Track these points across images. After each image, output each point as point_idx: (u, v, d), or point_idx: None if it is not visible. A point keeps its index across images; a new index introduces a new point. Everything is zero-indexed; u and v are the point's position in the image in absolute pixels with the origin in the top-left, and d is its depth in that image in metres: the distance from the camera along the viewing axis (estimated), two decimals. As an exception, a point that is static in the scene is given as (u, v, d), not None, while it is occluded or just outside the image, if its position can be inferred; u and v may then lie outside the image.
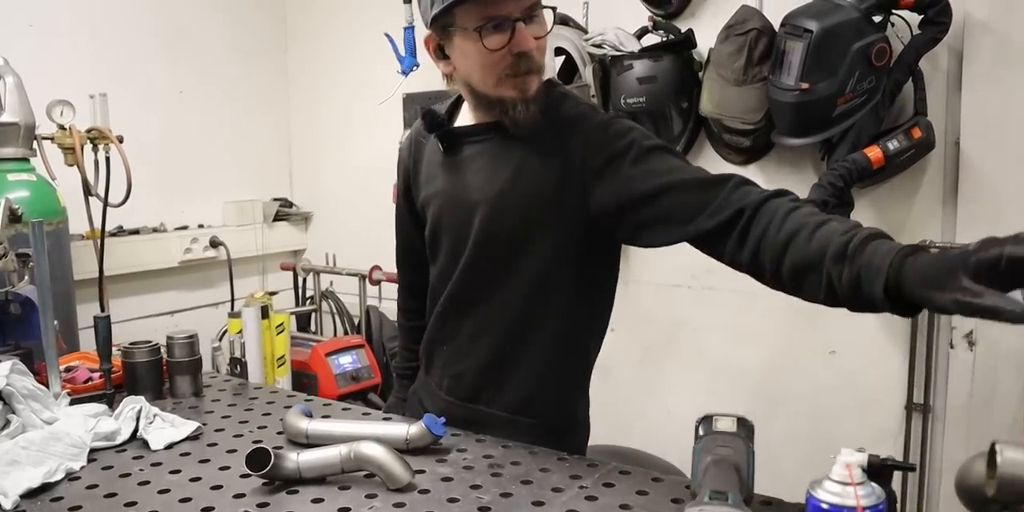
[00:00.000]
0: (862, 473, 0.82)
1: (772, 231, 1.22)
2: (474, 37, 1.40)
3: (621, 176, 1.42)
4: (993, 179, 2.29)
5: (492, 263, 1.57)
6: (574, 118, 1.50)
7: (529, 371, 1.60)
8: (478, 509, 1.25)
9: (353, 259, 3.55)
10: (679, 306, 2.88)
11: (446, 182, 1.61)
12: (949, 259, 0.94)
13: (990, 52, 2.27)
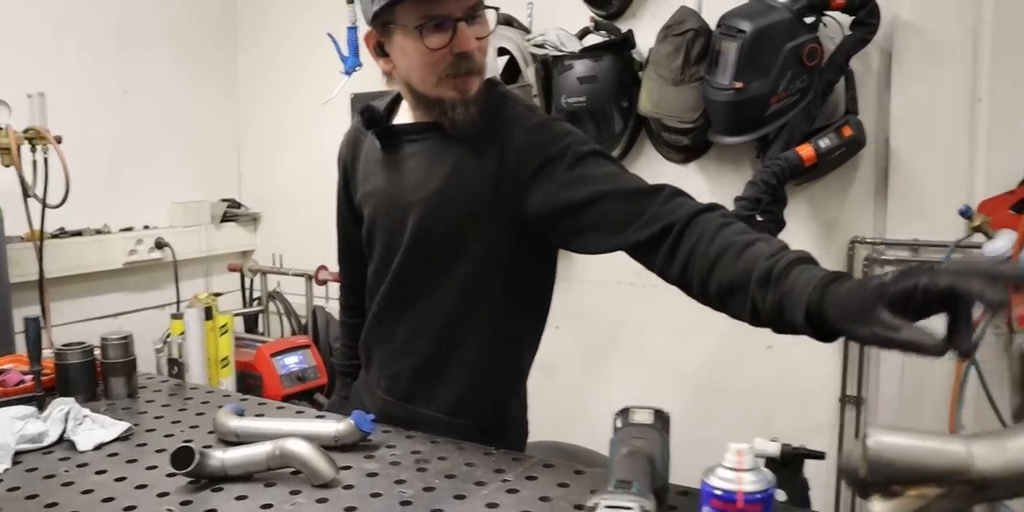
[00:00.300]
0: (752, 460, 0.85)
1: (701, 248, 1.22)
2: (415, 35, 1.39)
3: (555, 181, 1.41)
4: (921, 176, 2.36)
5: (426, 264, 1.57)
6: (512, 119, 1.49)
7: (462, 373, 1.61)
8: (400, 504, 1.26)
9: (301, 260, 3.54)
10: (621, 304, 2.91)
11: (383, 181, 1.60)
12: (868, 292, 0.94)
13: (918, 52, 2.34)
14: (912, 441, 0.72)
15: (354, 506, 1.26)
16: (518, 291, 1.59)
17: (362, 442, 1.52)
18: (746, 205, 2.20)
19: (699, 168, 2.70)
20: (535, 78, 2.76)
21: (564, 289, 3.06)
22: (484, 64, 1.47)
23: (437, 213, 1.52)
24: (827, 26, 2.38)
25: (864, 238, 2.45)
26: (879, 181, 2.44)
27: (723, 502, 0.83)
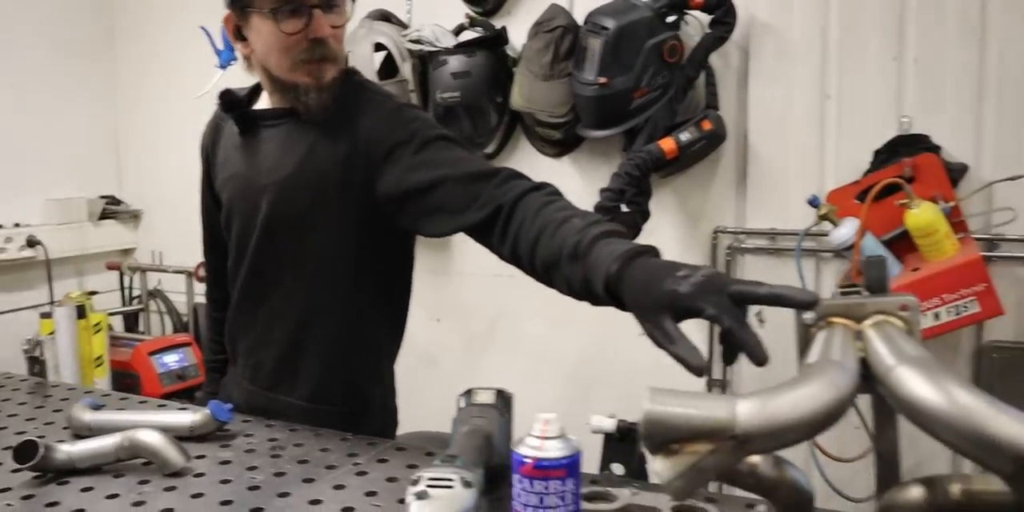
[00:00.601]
0: (558, 429, 0.90)
1: (525, 228, 1.27)
2: (270, 19, 1.43)
3: (403, 164, 1.45)
4: (777, 168, 2.48)
5: (280, 248, 1.59)
6: (366, 106, 1.54)
7: (320, 359, 1.63)
8: (247, 489, 1.28)
9: (182, 257, 3.48)
10: (500, 296, 2.96)
11: (240, 165, 1.63)
12: (659, 293, 0.96)
13: (772, 51, 2.46)
14: (684, 402, 0.78)
15: (201, 493, 1.27)
16: (373, 276, 1.62)
17: (220, 432, 1.53)
18: (611, 196, 2.28)
19: (572, 161, 2.77)
20: (411, 73, 2.79)
21: (444, 283, 3.13)
22: (340, 52, 1.52)
23: (290, 196, 1.54)
24: (688, 25, 2.48)
25: (726, 228, 2.57)
26: (739, 173, 2.56)
27: (529, 468, 0.89)
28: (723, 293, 0.93)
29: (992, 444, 0.71)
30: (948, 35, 2.25)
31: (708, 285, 0.94)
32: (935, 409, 0.74)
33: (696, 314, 0.94)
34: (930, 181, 2.19)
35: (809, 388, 0.77)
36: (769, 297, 0.93)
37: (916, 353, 0.82)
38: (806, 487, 0.95)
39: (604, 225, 1.18)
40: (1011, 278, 2.27)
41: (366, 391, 1.71)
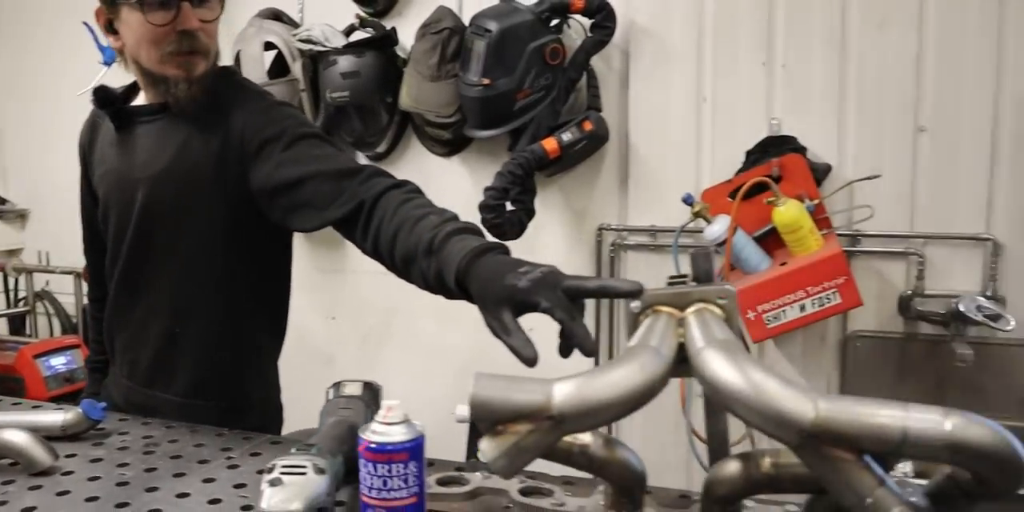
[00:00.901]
0: (401, 415, 0.95)
1: (384, 224, 1.32)
2: (138, 10, 1.45)
3: (273, 160, 1.49)
4: (656, 167, 2.58)
5: (154, 242, 1.61)
6: (240, 102, 1.57)
7: (196, 354, 1.64)
8: (116, 485, 1.29)
9: (71, 257, 3.40)
10: (394, 293, 2.96)
11: (115, 160, 1.64)
12: (501, 287, 1.03)
13: (651, 54, 2.56)
14: (505, 386, 0.84)
15: (68, 490, 1.27)
16: (249, 271, 1.65)
17: (94, 431, 1.53)
18: (494, 195, 2.34)
19: (462, 161, 2.83)
20: (302, 73, 2.80)
21: (340, 281, 3.14)
22: (210, 46, 1.54)
23: (164, 189, 1.57)
24: (571, 28, 2.55)
25: (610, 225, 2.66)
26: (622, 172, 2.65)
27: (373, 452, 0.93)
28: (557, 288, 1.00)
29: (780, 419, 0.79)
30: (813, 43, 2.39)
31: (544, 281, 1.01)
32: (731, 387, 0.81)
33: (532, 307, 1.00)
34: (796, 180, 2.31)
35: (620, 371, 0.84)
36: (598, 289, 1.00)
37: (723, 337, 0.89)
38: (637, 466, 1.02)
39: (458, 223, 1.23)
40: (871, 271, 2.42)
41: (246, 387, 1.73)
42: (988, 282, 2.31)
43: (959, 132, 2.30)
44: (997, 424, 0.79)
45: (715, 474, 1.00)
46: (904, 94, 2.32)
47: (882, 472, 0.81)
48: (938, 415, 0.77)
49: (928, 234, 2.36)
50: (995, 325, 2.14)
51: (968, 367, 2.20)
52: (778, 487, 0.95)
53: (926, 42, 2.29)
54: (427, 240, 1.20)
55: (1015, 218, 2.29)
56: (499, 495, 1.11)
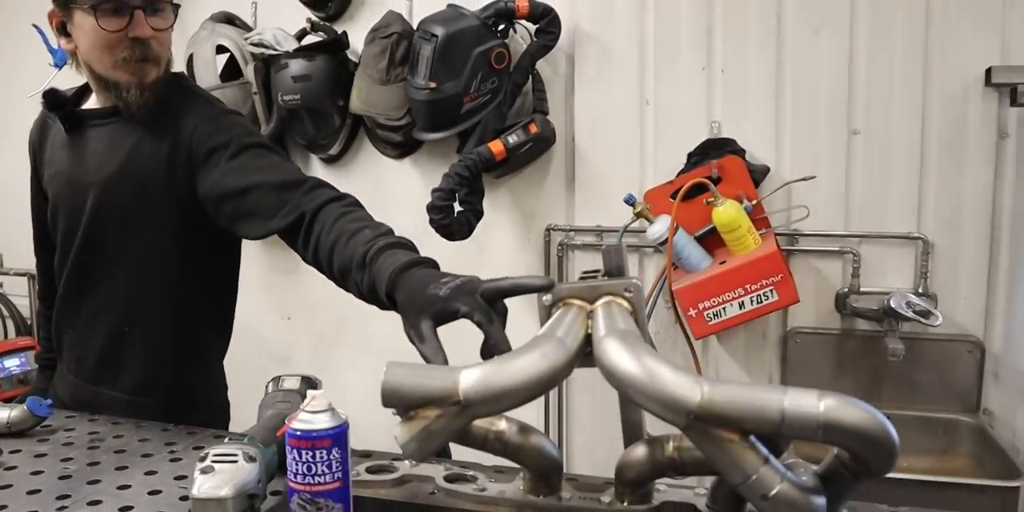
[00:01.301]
0: (325, 404, 0.99)
1: (323, 237, 1.38)
2: (91, 15, 1.48)
3: (220, 168, 1.54)
4: (601, 169, 2.64)
5: (104, 243, 1.64)
6: (190, 109, 1.61)
7: (144, 352, 1.68)
8: (58, 478, 1.32)
9: (24, 258, 3.40)
10: (347, 295, 3.02)
11: (66, 163, 1.68)
12: (424, 297, 1.07)
13: (595, 59, 2.62)
14: (415, 373, 0.89)
15: (9, 484, 1.30)
16: (197, 272, 1.69)
17: (40, 427, 1.55)
18: (442, 196, 2.39)
19: (413, 163, 2.87)
20: (254, 76, 2.83)
21: (293, 282, 3.17)
22: (163, 54, 1.59)
23: (114, 193, 1.61)
24: (516, 33, 2.61)
25: (557, 225, 2.72)
26: (569, 174, 2.71)
27: (298, 440, 0.98)
28: (475, 293, 1.06)
29: (669, 402, 0.85)
30: (750, 48, 2.46)
31: (462, 288, 1.07)
32: (626, 373, 0.87)
33: (452, 314, 1.05)
34: (735, 181, 2.38)
35: (523, 359, 0.89)
36: (512, 288, 1.06)
37: (624, 327, 0.95)
38: (552, 452, 1.08)
39: (391, 237, 1.29)
40: (808, 269, 2.50)
41: (192, 386, 1.77)
42: (919, 279, 2.39)
43: (890, 134, 2.38)
44: (872, 407, 0.85)
45: (624, 459, 1.06)
46: (838, 98, 2.41)
47: (767, 452, 0.87)
48: (814, 397, 0.83)
49: (862, 233, 2.44)
50: (925, 321, 2.23)
51: (901, 361, 2.29)
52: (681, 470, 1.02)
53: (857, 48, 2.37)
54: (361, 254, 1.25)
55: (944, 217, 2.38)
56: (425, 482, 1.16)
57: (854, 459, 0.88)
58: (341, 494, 1.01)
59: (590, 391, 2.71)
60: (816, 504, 0.87)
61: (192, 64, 2.89)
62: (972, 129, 2.32)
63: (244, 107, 2.86)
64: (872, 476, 0.89)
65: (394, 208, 2.92)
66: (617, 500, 1.06)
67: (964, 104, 2.32)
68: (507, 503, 1.08)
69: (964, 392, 2.40)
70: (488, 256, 2.82)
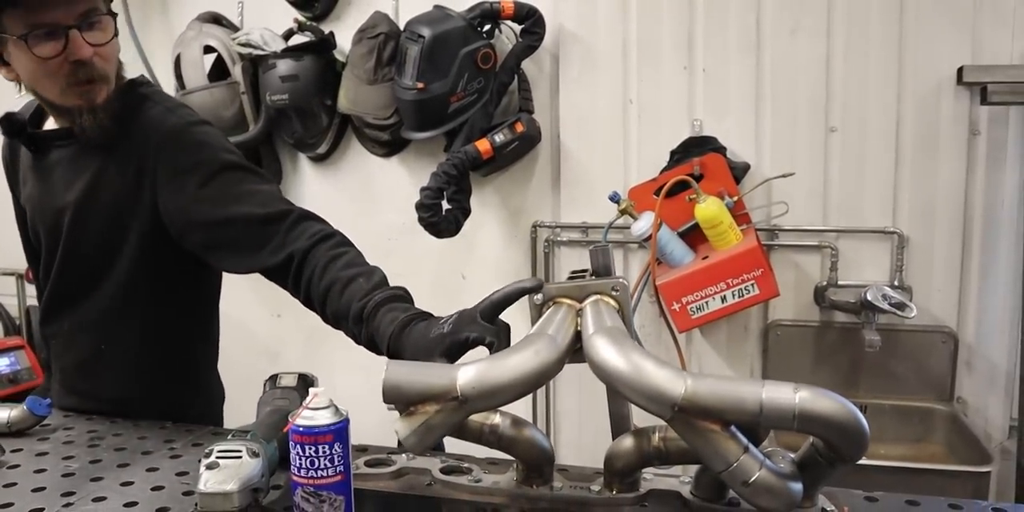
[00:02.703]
0: (327, 400, 1.04)
1: (314, 282, 1.37)
2: (23, 45, 1.37)
3: (187, 195, 1.47)
4: (586, 166, 2.70)
5: (82, 264, 1.61)
6: (149, 123, 1.53)
7: (125, 369, 1.67)
8: (62, 476, 1.36)
9: (12, 258, 3.41)
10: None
11: (36, 186, 1.64)
12: (431, 340, 1.11)
13: (579, 58, 2.66)
14: (414, 371, 0.94)
15: (15, 482, 1.34)
16: (177, 288, 1.66)
17: (40, 426, 1.59)
18: (430, 194, 2.43)
19: (400, 161, 2.91)
20: (242, 76, 2.86)
21: (283, 278, 3.17)
22: (108, 71, 1.49)
23: (87, 216, 1.55)
24: (502, 33, 2.65)
25: (544, 222, 2.77)
26: (555, 172, 2.76)
27: (301, 435, 1.02)
28: (475, 318, 1.12)
29: (654, 395, 0.90)
30: (730, 48, 2.52)
31: (462, 318, 1.13)
32: (613, 368, 0.92)
33: (463, 344, 1.10)
34: (716, 178, 2.44)
35: (517, 357, 0.94)
36: (506, 298, 1.12)
37: (612, 324, 1.00)
38: (544, 444, 1.13)
39: (386, 290, 1.29)
40: (788, 263, 2.56)
41: (184, 402, 1.73)
42: (895, 273, 2.46)
43: (866, 132, 2.45)
44: (843, 398, 0.91)
45: (613, 449, 1.11)
46: (815, 96, 2.47)
47: (747, 441, 0.93)
48: (790, 390, 0.89)
49: (840, 228, 2.51)
50: (900, 313, 2.29)
51: (878, 352, 2.35)
52: (667, 459, 1.07)
53: (834, 48, 2.44)
54: (357, 309, 1.27)
55: (918, 212, 2.45)
56: (422, 474, 1.21)
57: (828, 447, 0.94)
58: (343, 487, 1.05)
59: (577, 387, 2.76)
60: (793, 489, 0.93)
61: (180, 64, 2.92)
62: (945, 127, 2.39)
63: (232, 107, 2.89)
64: (845, 462, 0.95)
65: (382, 206, 2.97)
66: (606, 489, 1.12)
67: (937, 102, 2.39)
68: (502, 493, 1.13)
69: (938, 382, 2.48)
70: (476, 253, 2.87)
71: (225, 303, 2.31)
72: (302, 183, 3.09)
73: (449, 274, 2.92)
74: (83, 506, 1.24)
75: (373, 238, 2.99)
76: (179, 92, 2.94)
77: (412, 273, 3.01)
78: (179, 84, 2.94)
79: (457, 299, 2.84)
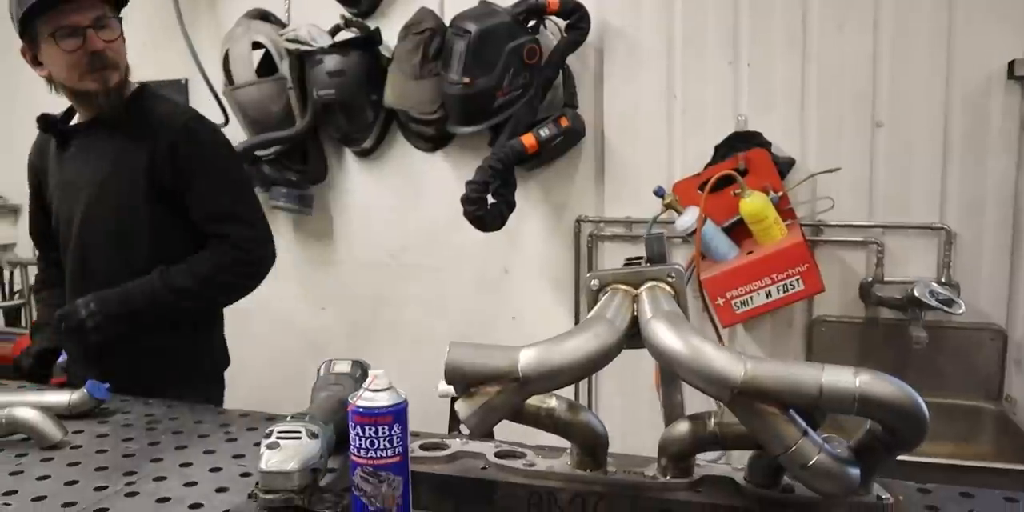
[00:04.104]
0: (385, 383, 1.05)
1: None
2: (52, 41, 1.82)
3: (195, 189, 1.90)
4: (630, 161, 2.70)
5: (100, 243, 1.94)
6: (161, 116, 1.93)
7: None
8: (123, 456, 1.40)
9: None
10: (380, 283, 3.11)
11: (62, 174, 2.00)
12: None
13: (624, 54, 2.67)
14: (476, 353, 0.95)
15: (78, 461, 1.38)
16: (186, 254, 1.92)
17: (98, 409, 1.64)
18: (476, 188, 2.45)
19: (444, 155, 2.93)
20: (290, 71, 2.90)
21: (327, 272, 3.25)
22: (119, 60, 1.90)
23: (104, 196, 1.92)
24: (547, 29, 2.66)
25: (587, 217, 2.78)
26: (598, 166, 2.77)
27: (361, 416, 1.04)
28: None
29: (714, 378, 0.91)
30: (776, 43, 2.51)
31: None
32: (673, 351, 0.93)
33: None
34: (761, 173, 2.43)
35: (577, 339, 0.96)
36: None
37: (669, 309, 1.01)
38: (599, 428, 1.14)
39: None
40: (833, 259, 2.55)
41: (191, 352, 2.04)
42: (942, 269, 2.44)
43: (913, 127, 2.42)
44: (903, 382, 0.91)
45: (668, 434, 1.12)
46: (861, 91, 2.45)
47: (805, 425, 0.93)
48: (849, 373, 0.89)
49: (886, 224, 2.49)
50: (948, 309, 2.27)
51: (924, 349, 2.33)
52: (722, 444, 1.08)
53: (881, 42, 2.42)
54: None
55: (966, 208, 2.42)
56: (476, 458, 1.23)
57: (887, 431, 0.94)
58: (401, 468, 1.07)
59: (618, 380, 2.77)
60: (851, 474, 0.93)
61: (228, 60, 2.97)
62: (994, 121, 2.36)
63: (279, 102, 2.94)
64: (904, 448, 0.95)
65: (426, 200, 3.00)
66: (660, 473, 1.12)
67: (987, 97, 2.36)
68: (556, 477, 1.14)
69: (986, 380, 2.45)
70: (518, 247, 2.89)
71: (271, 297, 2.38)
72: (347, 178, 3.13)
73: (492, 268, 2.94)
74: (145, 485, 1.27)
75: (417, 232, 3.03)
76: (227, 87, 3.00)
77: (455, 267, 3.06)
78: (227, 80, 2.99)
79: (499, 293, 2.91)
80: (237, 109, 3.04)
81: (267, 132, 2.97)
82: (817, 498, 1.01)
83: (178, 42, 3.12)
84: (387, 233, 3.08)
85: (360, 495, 1.04)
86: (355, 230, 3.14)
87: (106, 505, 1.19)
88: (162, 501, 1.20)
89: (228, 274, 1.90)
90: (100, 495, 1.23)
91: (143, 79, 2.74)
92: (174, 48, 3.16)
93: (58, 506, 1.19)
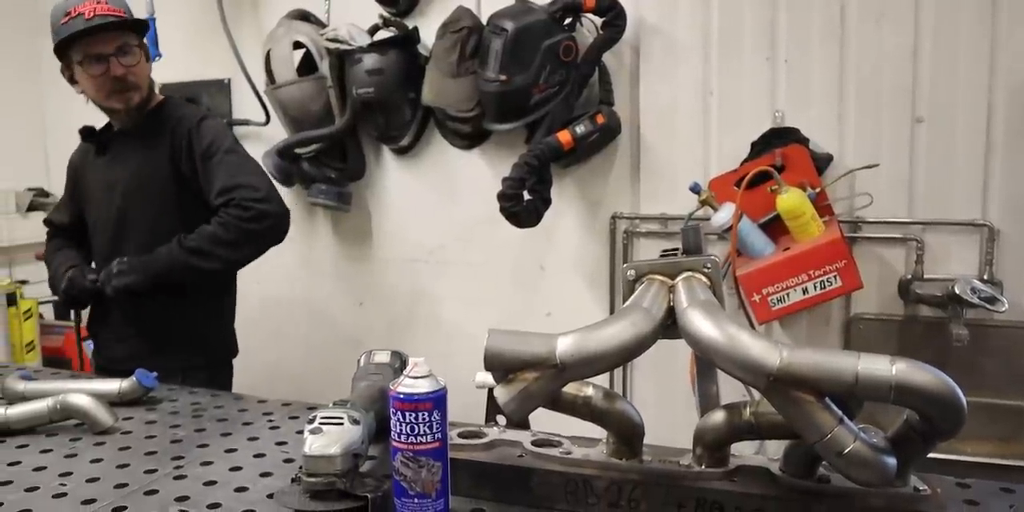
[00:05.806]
0: (425, 370, 1.08)
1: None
2: (81, 67, 2.13)
3: (205, 170, 2.15)
4: (666, 158, 2.70)
5: (131, 237, 2.20)
6: (181, 120, 2.21)
7: (168, 309, 2.23)
8: (171, 442, 1.45)
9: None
10: (418, 279, 3.14)
11: (100, 174, 2.30)
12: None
13: (660, 51, 2.67)
14: (515, 340, 0.97)
15: (128, 446, 1.43)
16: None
17: (146, 397, 1.69)
18: (512, 184, 2.47)
19: (481, 153, 2.96)
20: (329, 70, 2.94)
21: (365, 269, 3.29)
22: (140, 83, 2.20)
23: (137, 191, 2.22)
24: (583, 26, 2.67)
25: (623, 213, 2.79)
26: (634, 163, 2.77)
27: (402, 402, 1.07)
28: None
29: (750, 365, 0.92)
30: (813, 38, 2.49)
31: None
32: (709, 339, 0.95)
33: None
34: (798, 169, 2.43)
35: (614, 327, 0.97)
36: None
37: (704, 298, 1.02)
38: (635, 417, 1.16)
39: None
40: (872, 256, 2.53)
41: (206, 339, 2.33)
42: (984, 266, 2.41)
43: (955, 122, 2.39)
44: (940, 371, 0.92)
45: (703, 423, 1.13)
46: (901, 86, 2.42)
47: (841, 413, 0.94)
48: (886, 361, 0.90)
49: (926, 220, 2.46)
50: (990, 307, 2.24)
51: (965, 347, 2.30)
52: (758, 433, 1.09)
53: (922, 36, 2.39)
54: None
55: (1010, 204, 2.39)
56: (513, 446, 1.25)
57: (924, 420, 0.94)
58: (440, 453, 1.09)
59: (653, 373, 2.77)
60: (887, 463, 0.94)
61: (270, 60, 3.02)
62: (1039, 116, 2.33)
63: (319, 101, 2.99)
64: (941, 437, 0.96)
65: (462, 197, 3.02)
66: (695, 463, 1.14)
67: (1032, 90, 2.33)
68: (592, 465, 1.15)
69: (1029, 379, 2.42)
70: (554, 244, 2.90)
71: (309, 293, 2.42)
72: (385, 175, 3.17)
73: (528, 265, 2.96)
74: (192, 469, 1.31)
75: (453, 228, 3.06)
76: (269, 87, 3.05)
77: (491, 263, 3.09)
78: (269, 79, 3.04)
79: (535, 290, 2.93)
80: (278, 108, 3.09)
81: (307, 130, 3.03)
82: (854, 488, 1.02)
83: (221, 43, 3.19)
84: (424, 230, 3.11)
85: (400, 480, 1.07)
86: (393, 227, 3.18)
87: (156, 487, 1.23)
88: (209, 484, 1.24)
89: (233, 231, 2.07)
90: (150, 477, 1.27)
91: (187, 79, 2.95)
92: (217, 49, 3.24)
93: (111, 487, 1.23)
